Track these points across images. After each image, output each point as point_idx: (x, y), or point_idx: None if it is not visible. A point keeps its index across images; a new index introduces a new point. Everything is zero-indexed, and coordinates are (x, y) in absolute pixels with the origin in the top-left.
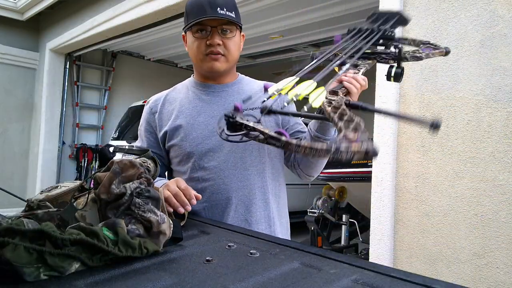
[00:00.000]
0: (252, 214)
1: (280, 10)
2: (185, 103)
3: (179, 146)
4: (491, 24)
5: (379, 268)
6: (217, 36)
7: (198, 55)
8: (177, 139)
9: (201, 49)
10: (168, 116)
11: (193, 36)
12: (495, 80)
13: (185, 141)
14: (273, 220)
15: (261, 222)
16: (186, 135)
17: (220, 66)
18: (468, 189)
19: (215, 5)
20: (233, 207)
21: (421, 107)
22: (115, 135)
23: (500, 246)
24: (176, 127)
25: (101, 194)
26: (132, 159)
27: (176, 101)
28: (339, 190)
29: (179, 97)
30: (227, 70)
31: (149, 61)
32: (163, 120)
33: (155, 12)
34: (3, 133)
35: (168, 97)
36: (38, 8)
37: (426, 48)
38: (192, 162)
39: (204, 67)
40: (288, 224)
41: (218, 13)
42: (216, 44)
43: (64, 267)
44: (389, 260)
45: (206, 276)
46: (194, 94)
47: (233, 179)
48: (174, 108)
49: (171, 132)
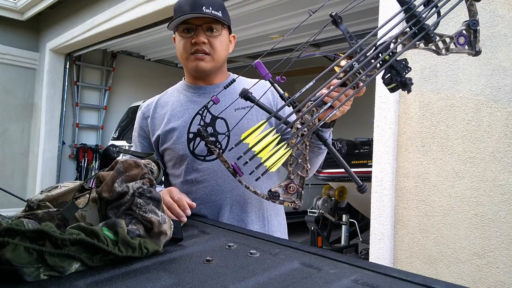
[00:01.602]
0: (248, 214)
1: (280, 10)
2: (176, 106)
3: (172, 149)
4: (491, 24)
5: (379, 268)
6: (202, 35)
7: (184, 54)
8: (169, 143)
9: (186, 48)
10: (160, 120)
11: (179, 35)
12: (495, 80)
13: (177, 143)
14: (269, 219)
15: (257, 221)
16: (178, 138)
17: (206, 65)
18: (468, 189)
19: (200, 4)
20: (228, 207)
21: (421, 107)
22: (115, 135)
23: (500, 246)
24: (168, 130)
25: (103, 192)
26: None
27: (167, 105)
28: (339, 190)
29: (171, 101)
30: (214, 69)
31: (149, 61)
32: (155, 125)
33: (155, 12)
34: (3, 133)
35: (160, 101)
36: (38, 8)
37: (461, 37)
38: (186, 164)
39: (189, 66)
40: (285, 222)
41: (203, 11)
42: (201, 42)
43: (64, 267)
44: (389, 260)
45: (206, 276)
46: (185, 96)
47: (227, 180)
48: (166, 112)
49: (164, 135)
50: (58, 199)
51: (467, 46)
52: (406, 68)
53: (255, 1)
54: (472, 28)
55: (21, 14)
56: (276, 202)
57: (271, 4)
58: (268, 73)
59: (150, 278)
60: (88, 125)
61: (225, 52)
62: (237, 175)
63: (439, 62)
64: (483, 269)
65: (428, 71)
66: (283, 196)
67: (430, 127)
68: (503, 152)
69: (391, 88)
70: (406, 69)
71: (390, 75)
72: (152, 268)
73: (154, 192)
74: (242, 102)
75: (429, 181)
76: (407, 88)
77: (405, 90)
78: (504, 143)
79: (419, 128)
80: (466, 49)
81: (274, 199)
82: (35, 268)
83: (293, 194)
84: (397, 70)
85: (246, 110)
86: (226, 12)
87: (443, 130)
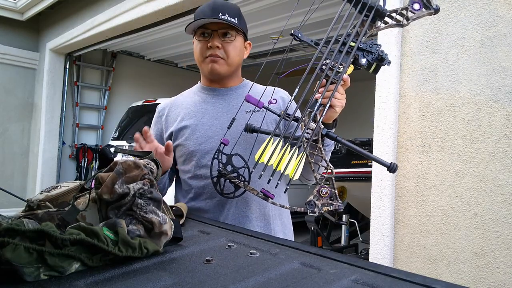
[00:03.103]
0: (253, 210)
1: (280, 10)
2: (190, 106)
3: (183, 145)
4: (491, 24)
5: (379, 268)
6: (217, 39)
7: (199, 57)
8: (182, 139)
9: (202, 52)
10: (174, 118)
11: (197, 39)
12: (495, 80)
13: (189, 140)
14: (273, 218)
15: (261, 218)
16: (190, 135)
17: (219, 68)
18: (468, 189)
19: (217, 10)
20: (234, 203)
21: (421, 107)
22: (115, 135)
23: (500, 246)
24: (182, 127)
25: (104, 194)
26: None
27: (182, 105)
28: (339, 190)
29: (186, 101)
30: (228, 73)
31: (149, 61)
32: (169, 122)
33: (155, 12)
34: (3, 133)
35: (176, 102)
36: (38, 8)
37: (415, 3)
38: (196, 160)
39: (204, 69)
40: (290, 221)
41: (219, 17)
42: (215, 46)
43: (64, 267)
44: (389, 260)
45: (206, 276)
46: (199, 97)
47: None
48: (180, 111)
49: (177, 132)
50: (58, 199)
51: (424, 8)
52: (374, 45)
53: (255, 1)
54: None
55: (21, 14)
56: (316, 212)
57: (271, 4)
58: (260, 101)
59: (150, 278)
60: (88, 125)
61: (239, 57)
62: (269, 198)
63: (439, 62)
64: (483, 269)
65: (428, 71)
66: (319, 203)
67: (430, 127)
68: (503, 152)
69: (374, 69)
70: (375, 46)
71: (366, 59)
72: (152, 268)
73: (154, 192)
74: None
75: (429, 181)
76: (385, 62)
77: (385, 64)
78: (504, 143)
79: (419, 128)
80: (424, 12)
81: (311, 209)
82: (35, 268)
83: (328, 197)
84: (368, 50)
85: (256, 112)
86: (243, 19)
87: (443, 130)
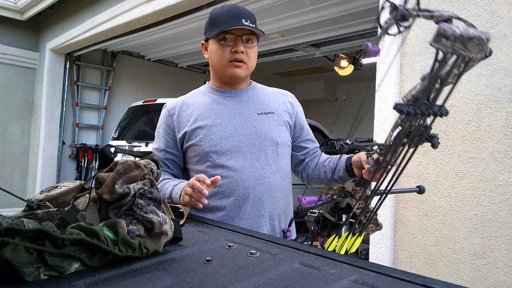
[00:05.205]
0: (267, 210)
1: (280, 10)
2: (202, 107)
3: (197, 146)
4: (491, 24)
5: (379, 268)
6: (241, 45)
7: (222, 61)
8: (196, 140)
9: (225, 56)
10: (187, 118)
11: (219, 43)
12: (495, 80)
13: (204, 141)
14: (282, 217)
15: (274, 218)
16: (205, 136)
17: (241, 73)
18: (468, 189)
19: (241, 17)
20: (250, 202)
21: None
22: (115, 135)
23: (500, 246)
24: (196, 128)
25: (104, 194)
26: (137, 160)
27: (193, 105)
28: (339, 190)
29: (196, 101)
30: (246, 77)
31: (149, 61)
32: (181, 122)
33: (155, 12)
34: (3, 133)
35: (186, 102)
36: (38, 8)
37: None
38: (211, 160)
39: (226, 73)
40: (293, 220)
41: (243, 24)
42: (241, 51)
43: (64, 267)
44: (389, 260)
45: (206, 276)
46: (211, 98)
47: (250, 177)
48: (193, 112)
49: (191, 132)
50: (58, 199)
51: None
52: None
53: (255, 1)
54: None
55: (21, 14)
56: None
57: (271, 4)
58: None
59: (150, 278)
60: (88, 125)
61: (256, 62)
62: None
63: None
64: (483, 269)
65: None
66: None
67: None
68: (503, 152)
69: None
70: None
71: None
72: (152, 268)
73: (155, 192)
74: (264, 107)
75: (429, 181)
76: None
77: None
78: (504, 143)
79: None
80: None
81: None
82: (35, 268)
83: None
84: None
85: (268, 115)
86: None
87: (443, 130)
